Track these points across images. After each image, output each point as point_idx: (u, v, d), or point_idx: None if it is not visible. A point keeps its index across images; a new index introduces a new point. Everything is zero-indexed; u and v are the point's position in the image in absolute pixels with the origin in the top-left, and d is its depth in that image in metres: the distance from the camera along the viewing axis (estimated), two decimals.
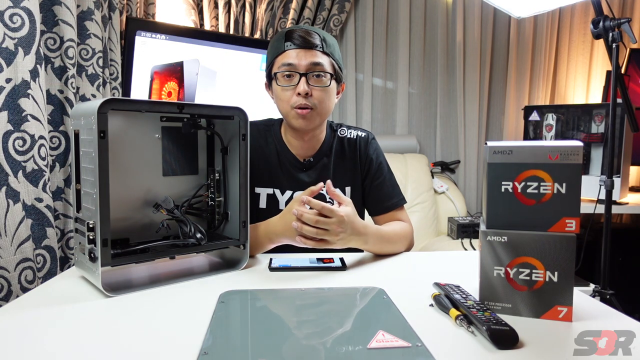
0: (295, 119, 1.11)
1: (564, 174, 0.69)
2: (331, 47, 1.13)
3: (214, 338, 0.63)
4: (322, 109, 1.11)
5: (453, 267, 1.01)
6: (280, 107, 1.14)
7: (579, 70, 2.72)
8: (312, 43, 1.09)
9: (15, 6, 1.10)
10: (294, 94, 1.09)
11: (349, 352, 0.59)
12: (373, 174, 1.23)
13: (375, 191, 1.22)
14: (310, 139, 1.19)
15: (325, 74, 1.10)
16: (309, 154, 1.21)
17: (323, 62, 1.10)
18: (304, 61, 1.08)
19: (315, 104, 1.10)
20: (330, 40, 1.13)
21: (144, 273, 0.96)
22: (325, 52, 1.11)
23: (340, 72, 1.16)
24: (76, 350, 0.61)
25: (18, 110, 1.12)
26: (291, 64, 1.08)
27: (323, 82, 1.10)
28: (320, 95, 1.10)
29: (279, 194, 1.18)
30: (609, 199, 1.53)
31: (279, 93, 1.12)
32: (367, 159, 1.23)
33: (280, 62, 1.10)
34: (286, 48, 1.10)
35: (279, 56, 1.11)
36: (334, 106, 1.16)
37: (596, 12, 1.50)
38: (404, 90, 2.63)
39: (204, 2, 2.18)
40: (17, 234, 1.10)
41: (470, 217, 2.33)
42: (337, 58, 1.14)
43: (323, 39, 1.11)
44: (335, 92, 1.16)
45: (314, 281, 0.90)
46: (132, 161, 0.94)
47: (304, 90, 1.07)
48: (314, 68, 1.09)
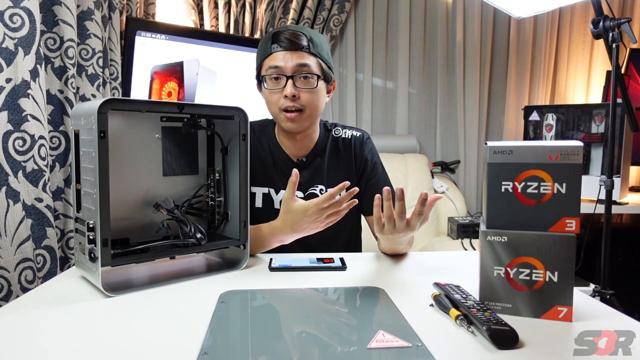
0: (284, 122, 1.12)
1: (564, 174, 0.69)
2: (318, 46, 1.12)
3: (214, 338, 0.63)
4: (310, 110, 1.12)
5: (453, 267, 1.01)
6: (270, 110, 1.16)
7: (579, 70, 2.72)
8: (299, 44, 1.09)
9: (15, 6, 1.10)
10: (281, 97, 1.10)
11: (349, 352, 0.59)
12: (368, 174, 1.24)
13: (370, 191, 1.22)
14: (302, 139, 1.20)
15: (312, 75, 1.10)
16: (302, 153, 1.22)
17: (310, 63, 1.09)
18: (290, 63, 1.08)
19: (303, 105, 1.10)
20: (317, 40, 1.12)
21: (144, 273, 0.96)
22: (312, 53, 1.10)
23: (330, 71, 1.15)
24: (76, 350, 0.61)
25: (18, 110, 1.12)
26: (277, 66, 1.08)
27: (310, 84, 1.10)
28: (307, 97, 1.10)
29: (273, 194, 1.20)
30: (609, 199, 1.53)
31: (267, 96, 1.14)
32: (362, 159, 1.24)
33: (267, 65, 1.11)
34: (273, 50, 1.10)
35: (266, 58, 1.12)
36: (324, 106, 1.17)
37: (596, 12, 1.50)
38: (404, 90, 2.63)
39: (204, 2, 2.18)
40: (17, 234, 1.10)
41: (470, 217, 2.33)
42: (325, 57, 1.13)
43: (310, 40, 1.10)
44: (325, 92, 1.16)
45: (314, 281, 0.90)
46: (132, 161, 0.94)
47: (290, 92, 1.08)
48: (301, 70, 1.09)
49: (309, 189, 1.20)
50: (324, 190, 1.20)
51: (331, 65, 1.17)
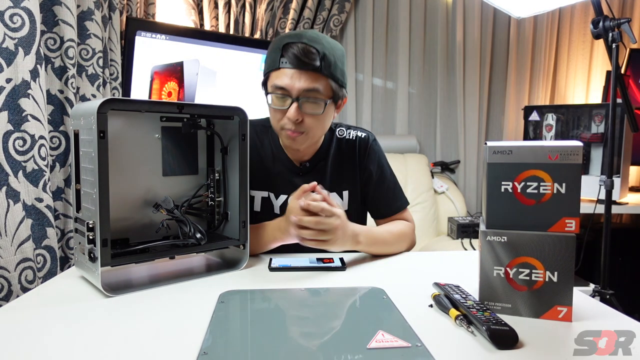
0: (285, 138, 1.08)
1: (563, 174, 0.69)
2: (332, 66, 1.01)
3: (214, 338, 0.63)
4: (313, 134, 1.07)
5: (453, 267, 1.01)
6: (272, 123, 1.11)
7: (579, 70, 2.72)
8: (310, 64, 0.98)
9: (15, 6, 1.10)
10: (284, 116, 1.03)
11: (348, 352, 0.59)
12: (376, 179, 1.20)
13: (378, 195, 1.20)
14: (305, 148, 1.15)
15: (319, 100, 1.02)
16: (305, 158, 1.17)
17: (319, 87, 1.00)
18: (298, 85, 0.99)
19: (306, 130, 1.04)
20: (331, 57, 1.01)
21: (144, 273, 0.96)
22: (324, 74, 1.00)
23: (342, 89, 1.07)
24: (76, 350, 0.61)
25: (18, 110, 1.12)
26: (284, 87, 1.00)
27: (316, 110, 1.02)
28: (311, 122, 1.03)
29: (273, 198, 1.16)
30: (608, 199, 1.53)
31: (271, 110, 1.08)
32: (367, 163, 1.19)
33: (274, 81, 1.02)
34: (281, 65, 1.00)
35: (273, 72, 1.03)
36: (329, 126, 1.13)
37: (596, 12, 1.50)
38: (404, 90, 2.63)
39: (204, 2, 2.18)
40: (17, 234, 1.10)
41: (470, 217, 2.33)
42: (338, 77, 1.03)
43: (323, 57, 0.99)
44: (332, 112, 1.09)
45: (314, 281, 0.90)
46: (132, 161, 0.94)
47: (293, 116, 1.01)
48: (308, 94, 1.00)
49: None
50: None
51: (344, 82, 1.07)
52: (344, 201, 1.18)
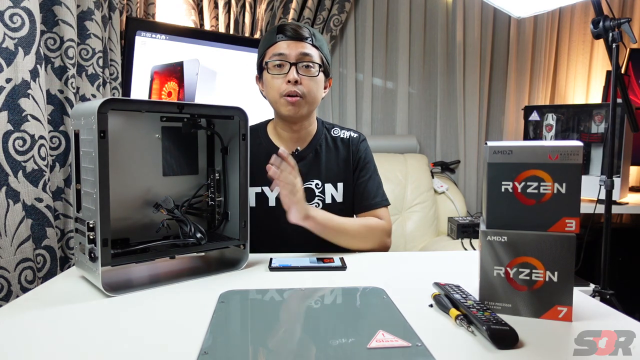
0: (284, 106, 1.16)
1: (564, 174, 0.69)
2: (320, 41, 1.20)
3: (214, 338, 0.63)
4: (310, 97, 1.17)
5: (453, 267, 1.01)
6: (270, 96, 1.19)
7: (579, 70, 2.72)
8: (302, 35, 1.16)
9: (15, 6, 1.10)
10: (284, 82, 1.15)
11: (348, 352, 0.59)
12: (359, 171, 1.26)
13: (359, 188, 1.24)
14: (299, 130, 1.23)
15: (314, 64, 1.16)
16: (300, 145, 1.24)
17: (312, 53, 1.17)
18: (294, 51, 1.15)
19: (304, 92, 1.15)
20: (319, 36, 1.21)
21: (144, 273, 0.96)
22: (314, 45, 1.18)
23: (328, 66, 1.23)
24: (76, 350, 0.61)
25: (18, 110, 1.12)
26: (282, 53, 1.15)
27: (312, 72, 1.16)
28: (309, 84, 1.16)
29: (267, 191, 1.21)
30: (609, 199, 1.53)
31: (270, 81, 1.18)
32: (358, 157, 1.27)
33: (272, 53, 1.17)
34: (277, 40, 1.17)
35: (270, 47, 1.18)
36: (321, 98, 1.22)
37: (596, 12, 1.50)
38: (404, 90, 2.63)
39: (204, 2, 2.18)
40: (17, 234, 1.10)
41: (470, 217, 2.33)
42: (325, 53, 1.21)
43: (312, 34, 1.18)
44: (323, 84, 1.22)
45: (314, 281, 0.90)
46: (132, 161, 0.94)
47: (293, 77, 1.14)
48: (304, 58, 1.15)
49: (304, 183, 1.20)
50: (319, 185, 1.21)
51: (329, 62, 1.24)
52: (339, 192, 1.24)
